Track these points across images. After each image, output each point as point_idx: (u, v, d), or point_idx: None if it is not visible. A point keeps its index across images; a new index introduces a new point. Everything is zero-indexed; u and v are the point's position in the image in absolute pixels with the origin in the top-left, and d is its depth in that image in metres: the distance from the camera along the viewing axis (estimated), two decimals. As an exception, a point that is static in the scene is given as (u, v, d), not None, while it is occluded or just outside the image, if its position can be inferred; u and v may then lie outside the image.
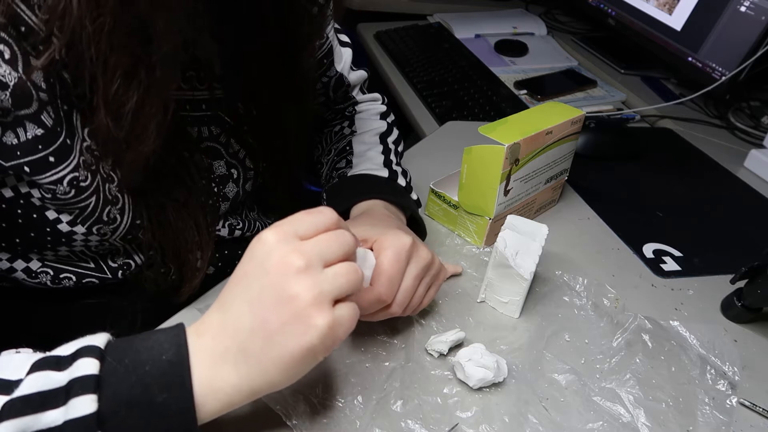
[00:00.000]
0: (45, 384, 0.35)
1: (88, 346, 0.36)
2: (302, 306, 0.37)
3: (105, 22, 0.40)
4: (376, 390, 0.50)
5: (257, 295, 0.38)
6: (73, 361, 0.36)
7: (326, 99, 0.75)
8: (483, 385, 0.51)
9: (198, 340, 0.38)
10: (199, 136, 0.57)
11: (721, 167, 0.95)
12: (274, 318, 0.38)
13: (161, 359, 0.36)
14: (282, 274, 0.38)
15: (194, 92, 0.55)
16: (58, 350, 0.37)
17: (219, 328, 0.39)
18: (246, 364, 0.38)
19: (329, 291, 0.39)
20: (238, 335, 0.38)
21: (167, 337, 0.38)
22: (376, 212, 0.60)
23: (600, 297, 0.63)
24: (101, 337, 0.38)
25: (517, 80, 1.16)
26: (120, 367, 0.36)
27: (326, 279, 0.39)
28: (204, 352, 0.38)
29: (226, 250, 0.65)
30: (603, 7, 1.26)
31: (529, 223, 0.61)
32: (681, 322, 0.60)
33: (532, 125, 0.65)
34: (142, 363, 0.36)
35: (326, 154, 0.73)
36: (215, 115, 0.58)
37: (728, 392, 0.54)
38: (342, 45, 0.74)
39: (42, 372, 0.35)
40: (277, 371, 0.38)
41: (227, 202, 0.62)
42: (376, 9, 1.45)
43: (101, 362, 0.35)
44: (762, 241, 0.77)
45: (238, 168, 0.61)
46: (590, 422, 0.50)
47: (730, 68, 0.99)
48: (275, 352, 0.38)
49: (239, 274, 0.40)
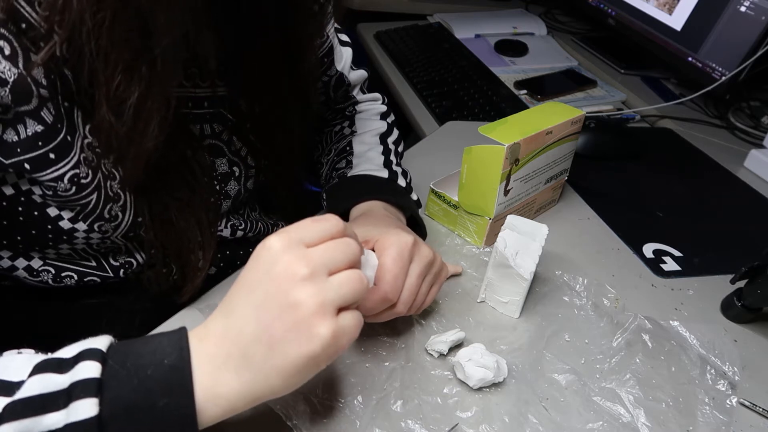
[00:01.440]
0: (46, 386, 0.34)
1: (90, 348, 0.36)
2: (306, 314, 0.37)
3: (105, 17, 0.40)
4: (376, 390, 0.50)
5: (261, 302, 0.38)
6: (75, 364, 0.35)
7: (326, 98, 0.75)
8: (483, 385, 0.51)
9: (200, 344, 0.38)
10: (201, 134, 0.57)
11: (721, 167, 0.95)
12: (277, 325, 0.37)
13: (163, 363, 0.36)
14: (287, 282, 0.38)
15: (196, 89, 0.55)
16: (60, 352, 0.37)
17: (222, 334, 0.38)
18: (248, 371, 0.38)
19: (333, 299, 0.38)
20: (241, 341, 0.38)
21: (170, 341, 0.38)
22: (375, 213, 0.60)
23: (600, 297, 0.63)
24: (104, 340, 0.37)
25: (517, 80, 1.16)
26: (122, 370, 0.35)
27: (331, 287, 0.39)
28: (206, 357, 0.38)
29: (228, 250, 0.65)
30: (603, 7, 1.26)
31: (528, 223, 0.61)
32: (681, 322, 0.60)
33: (532, 125, 0.65)
34: (144, 367, 0.36)
35: (326, 154, 0.73)
36: (217, 112, 0.58)
37: (728, 392, 0.54)
38: (342, 44, 0.74)
39: (44, 374, 0.35)
40: (279, 379, 0.38)
41: (229, 200, 0.62)
42: (376, 9, 1.45)
43: (103, 365, 0.35)
44: (762, 241, 0.77)
45: (240, 165, 0.61)
46: (590, 422, 0.50)
47: (730, 68, 0.99)
48: (278, 359, 0.37)
49: (244, 280, 0.40)
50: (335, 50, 0.72)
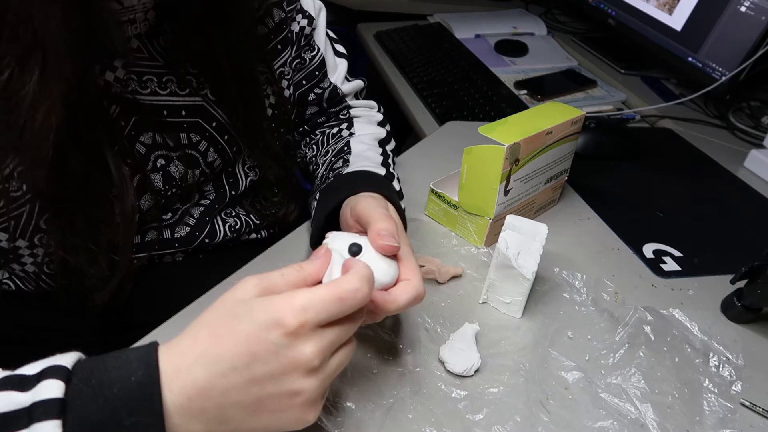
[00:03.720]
0: (6, 405, 0.33)
1: (55, 366, 0.35)
2: (302, 402, 0.38)
3: None
4: (386, 396, 0.50)
5: (259, 378, 0.36)
6: (37, 382, 0.34)
7: (320, 109, 0.75)
8: (467, 373, 0.52)
9: (174, 379, 0.36)
10: (177, 143, 0.57)
11: (721, 167, 0.95)
12: (269, 403, 0.37)
13: (130, 380, 0.35)
14: (294, 370, 0.37)
15: (173, 98, 0.55)
16: (24, 369, 0.36)
17: (201, 388, 0.36)
18: (219, 426, 0.37)
19: (329, 382, 0.39)
20: (222, 402, 0.36)
21: (137, 356, 0.36)
22: (368, 199, 0.58)
23: (599, 292, 0.63)
24: (70, 357, 0.36)
25: (517, 80, 1.16)
26: (86, 388, 0.34)
27: (330, 375, 0.39)
28: (177, 399, 0.36)
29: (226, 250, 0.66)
30: (603, 7, 1.26)
31: (528, 222, 0.61)
32: (682, 311, 0.60)
33: (532, 125, 0.65)
34: (111, 384, 0.34)
35: (323, 155, 0.72)
36: (195, 122, 0.58)
37: (732, 378, 0.54)
38: (337, 55, 0.74)
39: (4, 392, 0.34)
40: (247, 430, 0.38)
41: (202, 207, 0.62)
42: (376, 9, 1.45)
43: (66, 384, 0.34)
44: (762, 241, 0.77)
45: (198, 157, 0.62)
46: (600, 420, 0.50)
47: (730, 68, 0.99)
48: (257, 425, 0.38)
49: (244, 340, 0.36)
50: (328, 61, 0.72)
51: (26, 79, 0.42)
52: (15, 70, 0.42)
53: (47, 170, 0.47)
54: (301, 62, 0.70)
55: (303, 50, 0.69)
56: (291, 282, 0.40)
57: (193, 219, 0.64)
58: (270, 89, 0.66)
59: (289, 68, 0.68)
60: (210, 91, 0.60)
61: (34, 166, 0.47)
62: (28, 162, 0.47)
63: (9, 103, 0.43)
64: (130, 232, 0.56)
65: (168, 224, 0.62)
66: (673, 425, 0.50)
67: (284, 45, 0.67)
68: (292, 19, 0.67)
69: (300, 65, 0.70)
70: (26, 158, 0.47)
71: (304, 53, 0.70)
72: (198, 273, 0.63)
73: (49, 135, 0.45)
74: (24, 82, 0.42)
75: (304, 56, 0.70)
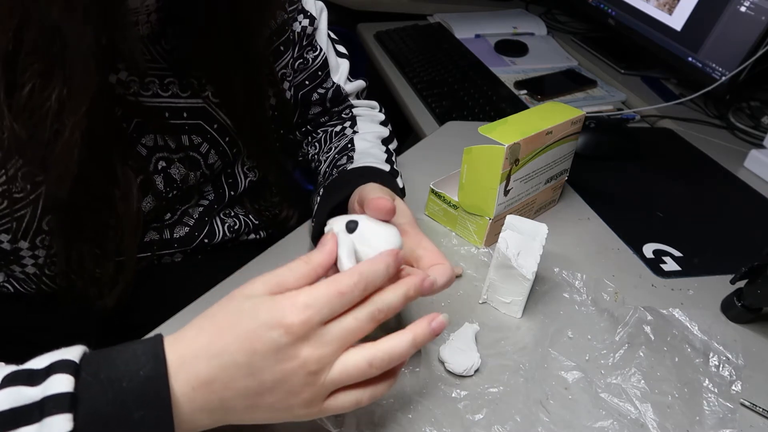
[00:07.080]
0: (17, 400, 0.33)
1: (63, 360, 0.35)
2: (300, 400, 0.38)
3: None
4: (386, 396, 0.50)
5: (260, 375, 0.37)
6: (46, 377, 0.34)
7: (323, 109, 0.75)
8: (467, 373, 0.52)
9: (180, 371, 0.37)
10: (179, 145, 0.57)
11: (721, 167, 0.95)
12: (270, 398, 0.38)
13: (138, 374, 0.35)
14: (296, 373, 0.37)
15: (175, 99, 0.55)
16: (31, 363, 0.36)
17: (204, 380, 0.37)
18: (224, 416, 0.38)
19: (329, 389, 0.39)
20: (225, 394, 0.37)
21: (144, 350, 0.37)
22: (374, 185, 0.58)
23: (599, 292, 0.63)
24: (76, 351, 0.36)
25: (517, 80, 1.16)
26: (95, 382, 0.35)
27: (333, 383, 0.39)
28: (183, 389, 0.37)
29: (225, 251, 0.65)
30: (603, 7, 1.26)
31: (528, 222, 0.61)
32: (682, 310, 0.60)
33: (532, 125, 0.65)
34: (119, 378, 0.35)
35: (325, 152, 0.72)
36: (197, 123, 0.58)
37: (732, 378, 0.54)
38: (339, 56, 0.74)
39: (14, 387, 0.34)
40: (251, 421, 0.39)
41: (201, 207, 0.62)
42: (376, 9, 1.45)
43: (76, 378, 0.34)
44: (762, 241, 0.76)
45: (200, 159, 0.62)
46: (600, 420, 0.50)
47: (730, 68, 0.99)
48: (256, 415, 0.39)
49: (246, 336, 0.37)
50: (330, 62, 0.72)
51: (48, 94, 0.42)
52: (37, 84, 0.42)
53: (70, 185, 0.47)
54: (303, 62, 0.70)
55: (305, 50, 0.69)
56: (300, 275, 0.40)
57: (192, 219, 0.64)
58: (271, 91, 0.66)
59: (290, 70, 0.68)
60: (214, 93, 0.60)
61: (59, 182, 0.47)
62: (54, 179, 0.47)
63: (32, 119, 0.42)
64: (135, 234, 0.56)
65: (167, 224, 0.62)
66: (673, 425, 0.50)
67: (286, 46, 0.67)
68: (293, 20, 0.67)
69: (302, 65, 0.70)
70: (52, 175, 0.46)
71: (307, 53, 0.70)
72: (197, 273, 0.63)
73: (74, 151, 0.44)
74: (46, 97, 0.42)
75: (306, 56, 0.70)
